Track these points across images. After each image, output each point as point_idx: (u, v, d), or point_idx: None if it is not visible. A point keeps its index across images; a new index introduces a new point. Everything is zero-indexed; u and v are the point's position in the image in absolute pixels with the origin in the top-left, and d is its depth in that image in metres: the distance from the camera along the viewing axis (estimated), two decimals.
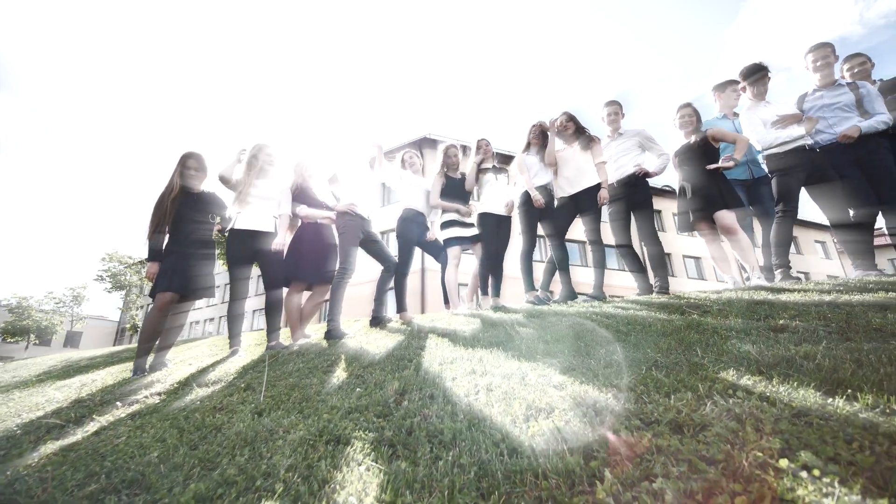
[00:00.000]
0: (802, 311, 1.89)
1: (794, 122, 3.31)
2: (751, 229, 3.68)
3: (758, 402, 0.97)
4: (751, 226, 3.70)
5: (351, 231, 3.55)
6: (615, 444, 0.86)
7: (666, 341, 1.71)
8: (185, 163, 3.35)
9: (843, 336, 1.45)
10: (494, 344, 2.12)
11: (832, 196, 3.19)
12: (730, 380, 1.14)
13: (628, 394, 1.14)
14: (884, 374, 1.03)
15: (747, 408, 0.95)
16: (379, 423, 1.21)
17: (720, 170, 3.37)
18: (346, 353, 2.46)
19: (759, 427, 0.85)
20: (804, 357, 1.23)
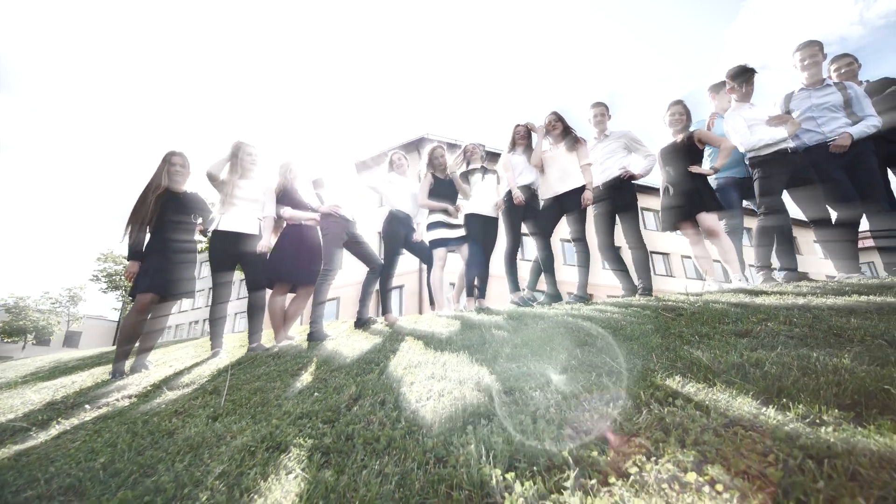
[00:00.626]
0: (772, 314, 1.87)
1: (784, 122, 3.28)
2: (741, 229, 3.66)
3: (692, 412, 0.95)
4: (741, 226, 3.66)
5: (334, 232, 3.54)
6: (536, 454, 0.85)
7: (629, 346, 1.69)
8: (170, 161, 3.35)
9: (802, 341, 1.43)
10: (465, 347, 2.11)
11: (814, 198, 3.17)
12: (673, 387, 1.12)
13: (572, 401, 1.13)
14: (823, 382, 1.01)
15: (680, 417, 0.93)
16: (323, 429, 1.21)
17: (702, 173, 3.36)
18: (320, 356, 2.45)
19: (682, 438, 0.83)
20: (754, 364, 1.22)
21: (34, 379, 3.62)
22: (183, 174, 3.40)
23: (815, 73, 3.40)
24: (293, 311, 3.77)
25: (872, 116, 3.20)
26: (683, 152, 3.46)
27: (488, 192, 4.07)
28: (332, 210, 3.54)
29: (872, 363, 1.11)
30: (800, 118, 3.42)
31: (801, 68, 3.45)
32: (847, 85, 3.32)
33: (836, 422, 0.84)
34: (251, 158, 3.53)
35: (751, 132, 3.36)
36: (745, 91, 3.54)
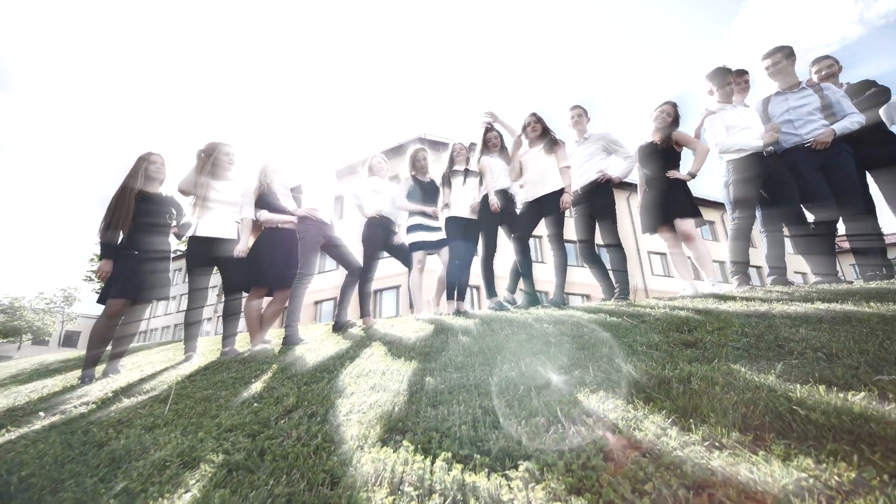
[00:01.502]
0: (728, 322, 1.83)
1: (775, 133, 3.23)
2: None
3: (599, 434, 0.93)
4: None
5: (310, 236, 3.53)
6: (421, 475, 0.82)
7: (579, 355, 1.66)
8: (149, 160, 3.33)
9: (744, 353, 1.40)
10: (423, 354, 2.09)
11: (788, 203, 3.13)
12: (591, 404, 1.09)
13: (490, 418, 1.11)
14: (738, 400, 0.98)
15: (582, 439, 0.91)
16: (243, 443, 1.19)
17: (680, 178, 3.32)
18: (282, 363, 2.44)
19: (572, 462, 0.81)
20: (682, 379, 1.19)
21: (13, 382, 3.63)
22: (158, 177, 3.39)
23: (784, 78, 3.36)
24: (269, 314, 3.76)
25: (855, 114, 3.15)
26: (661, 154, 3.42)
27: (470, 194, 4.05)
28: (309, 213, 3.52)
29: (797, 379, 1.08)
30: (778, 122, 3.38)
31: (771, 76, 3.41)
32: (824, 86, 3.27)
33: (733, 446, 0.81)
34: (228, 159, 3.50)
35: (728, 134, 3.32)
36: (726, 91, 3.49)
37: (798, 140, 3.24)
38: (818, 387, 0.99)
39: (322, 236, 3.62)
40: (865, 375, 1.05)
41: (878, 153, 3.25)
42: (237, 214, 3.54)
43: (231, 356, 3.12)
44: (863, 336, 1.38)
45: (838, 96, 3.22)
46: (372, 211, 3.91)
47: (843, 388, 1.01)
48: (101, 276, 3.07)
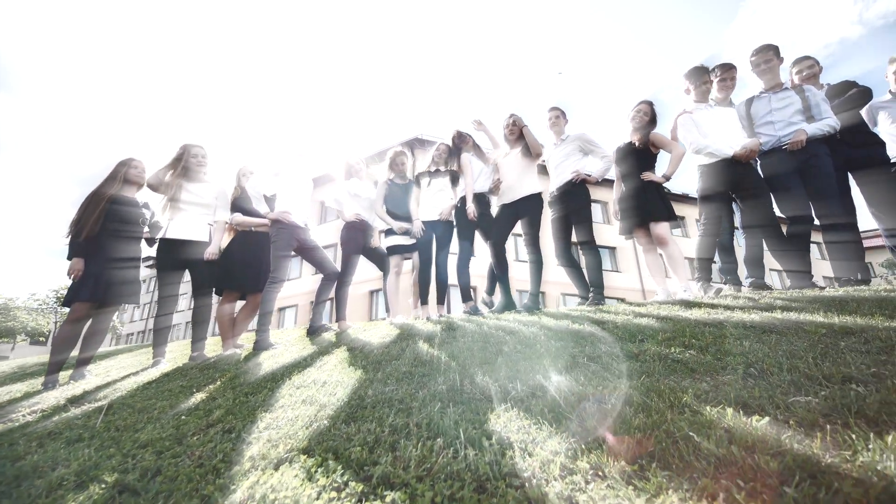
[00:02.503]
0: (680, 333, 1.78)
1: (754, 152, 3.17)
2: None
3: (489, 459, 0.88)
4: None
5: (283, 240, 3.49)
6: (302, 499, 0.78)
7: (524, 366, 1.62)
8: (129, 165, 3.32)
9: (680, 367, 1.35)
10: (375, 363, 2.06)
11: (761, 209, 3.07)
12: (497, 426, 1.05)
13: (393, 437, 1.06)
14: (641, 423, 0.93)
15: (467, 465, 0.86)
16: (147, 461, 1.15)
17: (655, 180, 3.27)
18: (238, 370, 2.41)
19: (435, 497, 0.76)
20: (599, 398, 1.14)
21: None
22: (139, 180, 3.37)
23: (771, 77, 3.29)
24: (241, 319, 3.73)
25: (830, 118, 3.09)
26: (638, 155, 3.36)
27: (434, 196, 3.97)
28: (281, 217, 3.48)
29: (713, 400, 1.03)
30: (760, 122, 3.32)
31: (758, 74, 3.34)
32: (805, 88, 3.20)
33: (614, 476, 0.76)
34: (197, 161, 3.47)
35: (700, 135, 3.25)
36: (702, 90, 3.42)
37: (775, 141, 3.18)
38: (727, 409, 0.94)
39: (295, 240, 3.59)
40: (782, 396, 0.99)
41: (859, 154, 3.18)
42: (210, 216, 3.51)
43: (199, 361, 3.09)
44: (802, 350, 1.33)
45: (818, 99, 3.16)
46: (351, 214, 3.88)
47: (755, 410, 0.95)
48: (73, 275, 3.02)
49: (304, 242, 3.68)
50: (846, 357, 1.21)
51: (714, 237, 3.19)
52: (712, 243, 3.18)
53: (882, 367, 1.08)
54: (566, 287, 17.08)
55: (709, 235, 3.18)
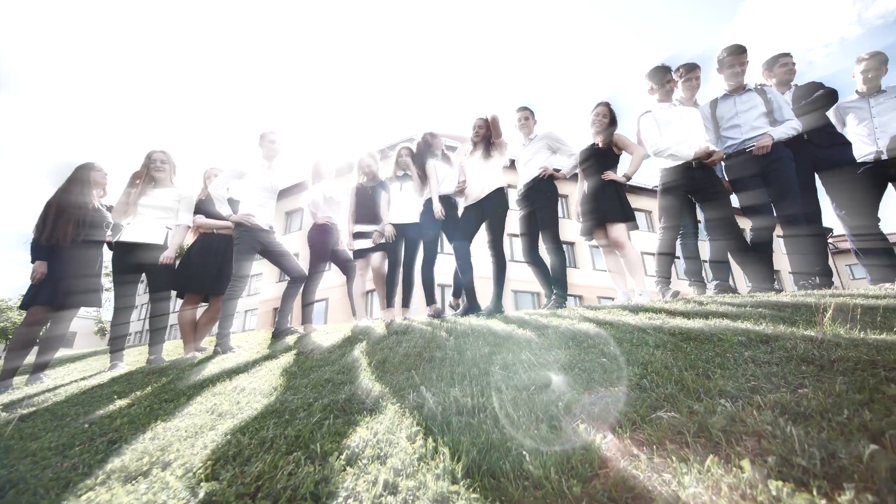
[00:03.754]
0: (604, 340, 1.73)
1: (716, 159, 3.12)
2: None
3: (331, 473, 0.85)
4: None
5: (245, 243, 3.47)
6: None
7: (439, 373, 1.58)
8: (91, 170, 3.31)
9: (583, 378, 1.30)
10: (307, 370, 2.03)
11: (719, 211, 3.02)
12: (358, 440, 1.01)
13: (258, 452, 1.03)
14: (483, 440, 0.89)
15: (302, 480, 0.83)
16: (18, 473, 1.12)
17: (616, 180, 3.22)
18: (180, 375, 2.39)
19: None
20: (481, 409, 1.10)
21: None
22: (99, 189, 3.37)
23: (738, 80, 3.23)
24: (204, 322, 3.72)
25: (793, 120, 3.03)
26: (600, 156, 3.31)
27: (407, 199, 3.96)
28: (244, 220, 3.46)
29: (579, 417, 0.99)
30: (726, 126, 3.26)
31: (730, 75, 3.28)
32: (767, 90, 3.14)
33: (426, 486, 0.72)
34: (155, 166, 3.46)
35: (661, 136, 3.20)
36: (666, 90, 3.35)
37: (740, 145, 3.12)
38: (579, 426, 0.90)
39: (259, 243, 3.57)
40: (648, 411, 0.95)
41: (825, 154, 3.12)
42: (170, 220, 3.49)
43: (155, 365, 3.08)
44: (706, 359, 1.28)
45: (780, 101, 3.10)
46: (321, 217, 3.86)
47: (614, 425, 0.91)
48: (35, 279, 3.02)
49: (269, 245, 3.65)
50: (742, 368, 1.16)
51: (672, 240, 3.14)
52: (671, 246, 3.13)
53: (766, 381, 1.04)
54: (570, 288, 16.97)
55: (668, 238, 3.13)
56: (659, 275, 3.17)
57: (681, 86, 3.52)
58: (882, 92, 3.14)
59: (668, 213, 3.14)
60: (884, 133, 3.06)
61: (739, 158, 3.12)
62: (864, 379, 0.93)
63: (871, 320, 1.48)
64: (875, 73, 3.12)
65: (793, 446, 0.66)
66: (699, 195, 3.12)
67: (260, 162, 3.65)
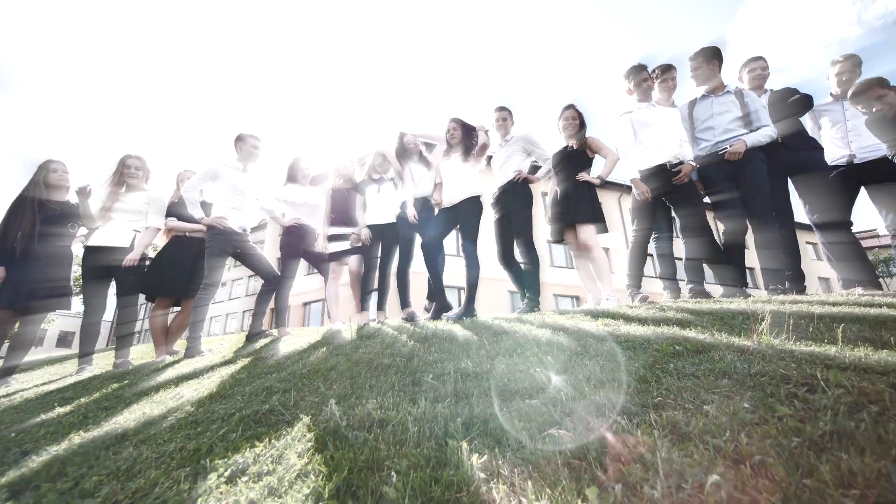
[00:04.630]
0: (550, 348, 1.70)
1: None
2: None
3: (230, 489, 0.82)
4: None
5: (217, 246, 3.45)
6: None
7: (379, 382, 1.55)
8: (49, 168, 3.29)
9: (507, 388, 1.27)
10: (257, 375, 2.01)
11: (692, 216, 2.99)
12: (271, 453, 0.98)
13: (134, 465, 1.00)
14: (348, 456, 0.86)
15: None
16: None
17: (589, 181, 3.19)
18: (135, 380, 2.37)
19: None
20: (382, 423, 1.07)
21: None
22: (62, 184, 3.35)
23: (706, 82, 3.19)
24: (176, 325, 3.70)
25: (768, 126, 2.99)
26: (574, 159, 3.28)
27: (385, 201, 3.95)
28: (216, 223, 3.44)
29: (475, 431, 0.95)
30: (701, 127, 3.23)
31: (692, 78, 3.25)
32: (746, 94, 3.10)
33: None
34: (129, 171, 3.45)
35: (636, 139, 3.17)
36: (643, 89, 3.32)
37: (712, 147, 3.09)
38: (462, 445, 0.87)
39: (232, 245, 3.55)
40: (540, 428, 0.92)
41: (798, 158, 3.08)
42: (140, 223, 3.48)
43: (122, 368, 3.06)
44: (631, 371, 1.25)
45: (757, 105, 3.06)
46: (289, 220, 3.84)
47: (502, 444, 0.88)
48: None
49: (242, 248, 3.64)
50: (662, 381, 1.13)
51: (644, 242, 3.10)
52: (642, 249, 3.10)
53: (677, 396, 1.00)
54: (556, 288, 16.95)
55: (639, 241, 3.10)
56: (629, 278, 3.14)
57: (657, 87, 3.49)
58: None
59: (640, 214, 3.11)
60: (857, 136, 3.03)
61: (712, 161, 3.09)
62: (765, 397, 0.90)
63: (818, 330, 1.44)
64: (849, 75, 3.08)
65: (646, 474, 0.62)
66: (672, 197, 3.08)
67: (234, 164, 3.62)
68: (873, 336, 1.26)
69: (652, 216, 3.11)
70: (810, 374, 0.98)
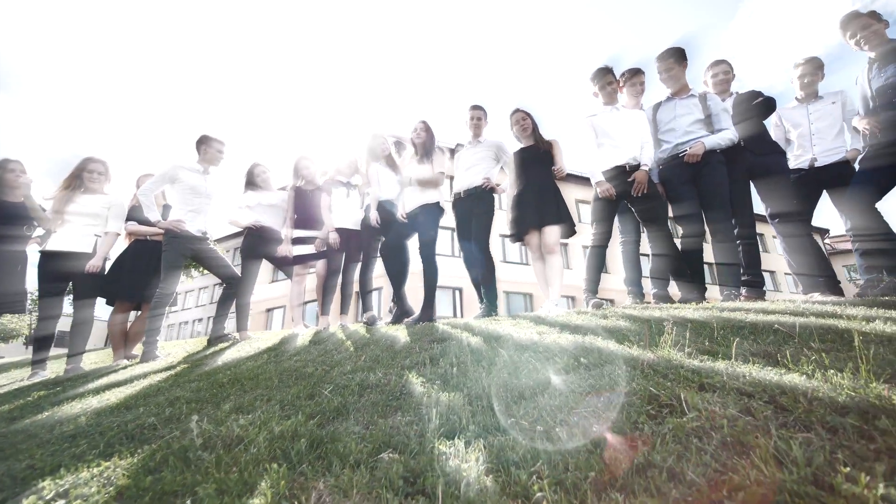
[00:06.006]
0: (481, 357, 1.64)
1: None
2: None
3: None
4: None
5: (173, 250, 3.42)
6: None
7: (283, 393, 1.50)
8: (5, 169, 3.26)
9: (398, 407, 1.22)
10: (181, 384, 1.97)
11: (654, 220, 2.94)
12: (91, 474, 0.93)
13: None
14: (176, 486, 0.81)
15: None
16: None
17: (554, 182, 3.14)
18: (71, 387, 2.33)
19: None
20: (237, 440, 1.02)
21: None
22: (17, 184, 3.31)
23: (674, 84, 3.14)
24: (136, 329, 3.67)
25: (728, 129, 2.93)
26: (535, 156, 3.23)
27: (353, 205, 3.92)
28: (173, 226, 3.40)
29: (307, 452, 0.90)
30: (663, 129, 3.17)
31: (661, 81, 3.19)
32: (709, 97, 3.05)
33: None
34: (91, 176, 3.41)
35: (598, 143, 3.11)
36: (608, 92, 3.25)
37: (673, 150, 3.03)
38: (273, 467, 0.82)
39: (190, 249, 3.51)
40: (374, 451, 0.87)
41: (760, 161, 3.02)
42: (99, 227, 3.44)
43: (72, 374, 3.01)
44: (510, 389, 1.19)
45: (718, 108, 3.01)
46: (248, 222, 3.81)
47: (319, 469, 0.83)
48: None
49: (201, 252, 3.60)
50: (532, 398, 1.07)
51: (603, 248, 3.05)
52: (600, 253, 3.04)
53: (534, 417, 0.95)
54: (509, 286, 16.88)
55: (597, 246, 3.04)
56: (586, 282, 3.07)
57: (626, 90, 3.44)
58: (819, 98, 3.04)
59: (599, 217, 3.05)
60: (820, 139, 2.97)
61: (672, 163, 3.03)
62: (621, 420, 0.84)
63: (720, 342, 1.38)
64: (811, 78, 3.02)
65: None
66: (633, 199, 3.02)
67: (194, 166, 3.58)
68: (773, 351, 1.20)
69: (611, 219, 3.05)
70: (676, 394, 0.92)
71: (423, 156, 3.55)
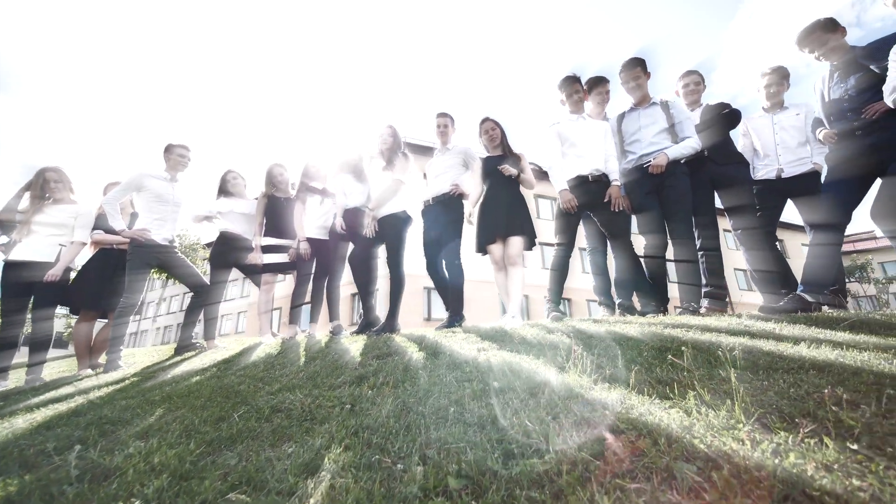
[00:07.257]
0: (418, 375, 1.62)
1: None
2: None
3: None
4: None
5: (138, 259, 3.40)
6: None
7: (205, 413, 1.48)
8: None
9: (301, 415, 1.19)
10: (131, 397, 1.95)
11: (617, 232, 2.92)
12: None
13: None
14: None
15: None
16: None
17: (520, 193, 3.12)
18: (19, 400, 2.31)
19: None
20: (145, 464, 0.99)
21: None
22: None
23: (639, 94, 3.11)
24: (101, 339, 3.65)
25: (691, 137, 2.90)
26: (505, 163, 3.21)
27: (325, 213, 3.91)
28: (137, 235, 3.39)
29: (183, 490, 0.88)
30: (629, 140, 3.14)
31: (627, 91, 3.16)
32: (671, 105, 3.01)
33: None
34: (49, 186, 3.39)
35: (562, 151, 3.08)
36: (574, 100, 3.22)
37: (637, 160, 3.00)
38: None
39: (155, 258, 3.50)
40: (227, 487, 0.84)
41: (724, 171, 2.99)
42: (65, 237, 3.42)
43: (31, 385, 3.00)
44: (425, 413, 1.17)
45: (682, 116, 2.97)
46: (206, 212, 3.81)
47: None
48: None
49: (167, 260, 3.58)
50: (424, 424, 1.05)
51: (565, 258, 3.01)
52: (562, 264, 3.00)
53: (421, 444, 0.92)
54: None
55: (560, 256, 3.01)
56: (549, 293, 3.04)
57: (590, 99, 3.41)
58: (785, 108, 3.00)
59: (562, 228, 3.02)
60: (785, 149, 2.93)
61: (635, 175, 3.00)
62: (481, 458, 0.81)
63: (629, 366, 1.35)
64: (777, 87, 2.99)
65: None
66: (596, 210, 2.99)
67: (160, 174, 3.56)
68: (668, 378, 1.17)
69: (574, 230, 3.02)
70: (544, 432, 0.89)
71: (388, 163, 3.52)
